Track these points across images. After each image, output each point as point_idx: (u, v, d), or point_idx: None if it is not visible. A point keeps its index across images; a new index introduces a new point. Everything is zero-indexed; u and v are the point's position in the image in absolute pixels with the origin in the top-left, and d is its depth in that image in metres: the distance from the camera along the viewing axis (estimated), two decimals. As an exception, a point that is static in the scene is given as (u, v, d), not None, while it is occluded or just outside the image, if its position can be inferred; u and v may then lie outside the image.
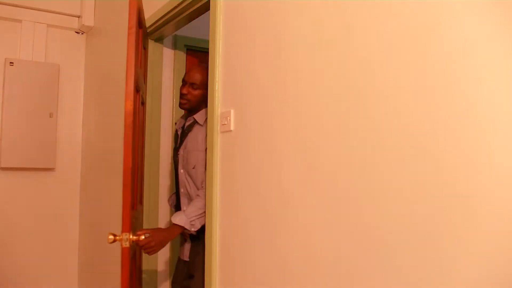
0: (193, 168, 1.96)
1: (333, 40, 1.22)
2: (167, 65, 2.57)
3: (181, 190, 2.02)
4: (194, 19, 2.16)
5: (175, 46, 2.62)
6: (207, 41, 1.83)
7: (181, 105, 2.02)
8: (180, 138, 2.08)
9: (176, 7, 2.08)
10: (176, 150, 2.08)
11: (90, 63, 3.24)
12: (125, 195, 1.62)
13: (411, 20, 1.00)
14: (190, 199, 2.00)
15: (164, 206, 2.50)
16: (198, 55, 2.73)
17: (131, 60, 1.71)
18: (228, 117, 1.66)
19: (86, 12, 3.12)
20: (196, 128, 2.01)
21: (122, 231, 1.62)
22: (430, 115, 0.94)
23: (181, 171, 2.02)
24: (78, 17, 3.16)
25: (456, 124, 0.89)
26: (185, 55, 2.67)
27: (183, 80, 2.01)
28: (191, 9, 2.02)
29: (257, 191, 1.50)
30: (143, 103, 2.27)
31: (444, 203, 0.90)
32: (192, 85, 1.98)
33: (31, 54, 2.97)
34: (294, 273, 1.31)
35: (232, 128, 1.65)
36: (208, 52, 1.81)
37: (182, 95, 2.00)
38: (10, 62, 2.84)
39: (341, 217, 1.16)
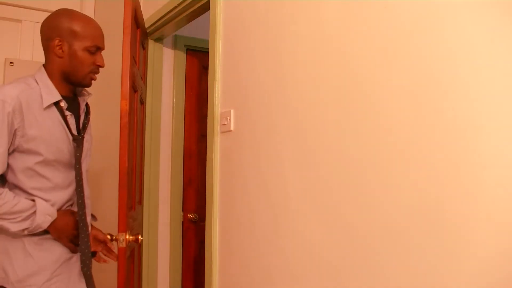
0: (90, 160, 1.56)
1: (333, 39, 1.22)
2: (167, 65, 2.57)
3: (87, 201, 1.45)
4: (194, 19, 2.16)
5: (175, 46, 2.62)
6: (207, 41, 1.83)
7: (90, 82, 1.44)
8: (76, 120, 1.44)
9: (176, 7, 2.08)
10: (80, 140, 1.40)
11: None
12: (121, 195, 1.61)
13: (410, 20, 1.00)
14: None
15: (164, 206, 2.50)
16: (198, 55, 2.73)
17: (127, 60, 1.71)
18: (228, 117, 1.66)
19: (86, 12, 3.11)
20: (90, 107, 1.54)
21: (119, 231, 1.62)
22: (431, 116, 0.94)
23: (82, 167, 1.43)
24: (78, 17, 3.16)
25: (457, 124, 0.89)
26: (185, 55, 2.67)
27: (97, 47, 1.40)
28: (191, 9, 2.02)
29: (257, 191, 1.50)
30: (142, 103, 2.27)
31: (443, 205, 0.90)
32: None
33: (31, 54, 2.97)
34: (295, 273, 1.30)
35: (232, 128, 1.65)
36: (208, 52, 1.81)
37: (99, 68, 1.43)
38: (10, 62, 2.84)
39: (340, 216, 1.16)
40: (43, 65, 1.44)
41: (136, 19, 2.02)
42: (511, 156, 0.80)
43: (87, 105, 1.51)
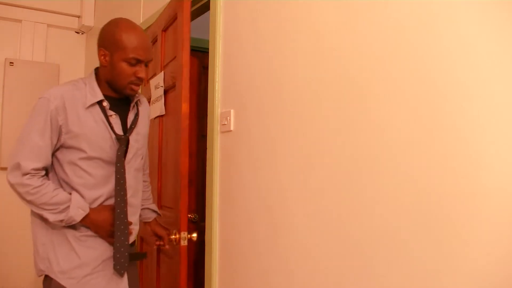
0: (141, 159, 1.56)
1: (331, 40, 1.22)
2: (167, 65, 2.57)
3: (131, 199, 1.47)
4: (194, 19, 2.16)
5: (175, 46, 2.62)
6: (207, 41, 1.83)
7: (132, 92, 1.44)
8: (122, 122, 1.47)
9: (176, 7, 2.08)
10: (123, 139, 1.43)
11: (90, 63, 3.24)
12: (183, 196, 1.65)
13: (409, 22, 1.00)
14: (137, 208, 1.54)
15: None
16: (198, 55, 2.72)
17: (187, 65, 1.71)
18: (228, 117, 1.66)
19: (86, 12, 3.12)
20: (142, 108, 1.55)
21: (181, 230, 1.63)
22: (430, 117, 0.94)
23: (129, 165, 1.46)
24: (78, 17, 3.16)
25: (456, 125, 0.89)
26: (185, 55, 2.67)
27: (137, 59, 1.39)
28: (191, 9, 2.02)
29: (256, 191, 1.50)
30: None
31: (442, 206, 0.90)
32: (147, 64, 1.46)
33: (31, 54, 2.97)
34: (293, 274, 1.31)
35: (232, 128, 1.65)
36: (208, 52, 1.81)
37: (140, 79, 1.42)
38: (10, 62, 2.84)
39: (337, 217, 1.16)
40: (96, 68, 1.51)
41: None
42: (510, 156, 0.80)
43: (137, 106, 1.53)
